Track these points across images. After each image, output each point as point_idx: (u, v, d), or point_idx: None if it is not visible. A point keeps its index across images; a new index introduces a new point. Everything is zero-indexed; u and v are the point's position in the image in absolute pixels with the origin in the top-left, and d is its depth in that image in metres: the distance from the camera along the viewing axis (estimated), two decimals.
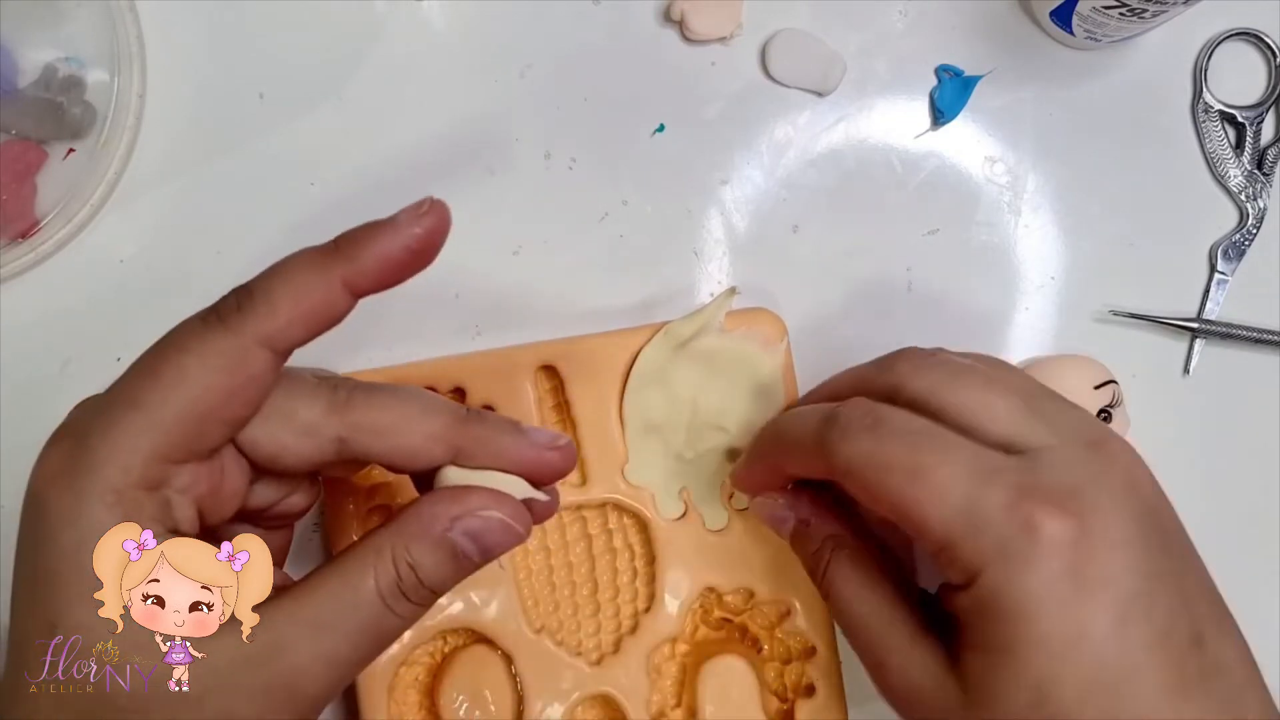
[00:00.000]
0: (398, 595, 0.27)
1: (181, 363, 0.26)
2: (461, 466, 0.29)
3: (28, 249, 0.41)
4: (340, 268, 0.27)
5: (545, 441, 0.29)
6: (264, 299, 0.26)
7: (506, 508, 0.28)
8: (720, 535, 0.39)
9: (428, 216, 0.28)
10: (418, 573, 0.27)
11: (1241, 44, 0.44)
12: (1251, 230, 0.43)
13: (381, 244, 0.27)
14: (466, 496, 0.28)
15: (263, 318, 0.26)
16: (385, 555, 0.27)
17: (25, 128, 0.41)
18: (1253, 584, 0.43)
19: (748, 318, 0.39)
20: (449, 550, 0.28)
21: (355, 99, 0.42)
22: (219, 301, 0.27)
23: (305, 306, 0.27)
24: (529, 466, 0.29)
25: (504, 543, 0.29)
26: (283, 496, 0.31)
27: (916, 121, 0.43)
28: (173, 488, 0.27)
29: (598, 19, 0.43)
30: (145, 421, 0.26)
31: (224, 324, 0.26)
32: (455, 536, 0.28)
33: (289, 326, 0.27)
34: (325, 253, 0.27)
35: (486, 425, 0.29)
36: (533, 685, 0.38)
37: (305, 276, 0.27)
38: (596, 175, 0.42)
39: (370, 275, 0.27)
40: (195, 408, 0.26)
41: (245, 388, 0.27)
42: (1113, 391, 0.41)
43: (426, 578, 0.28)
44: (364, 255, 0.27)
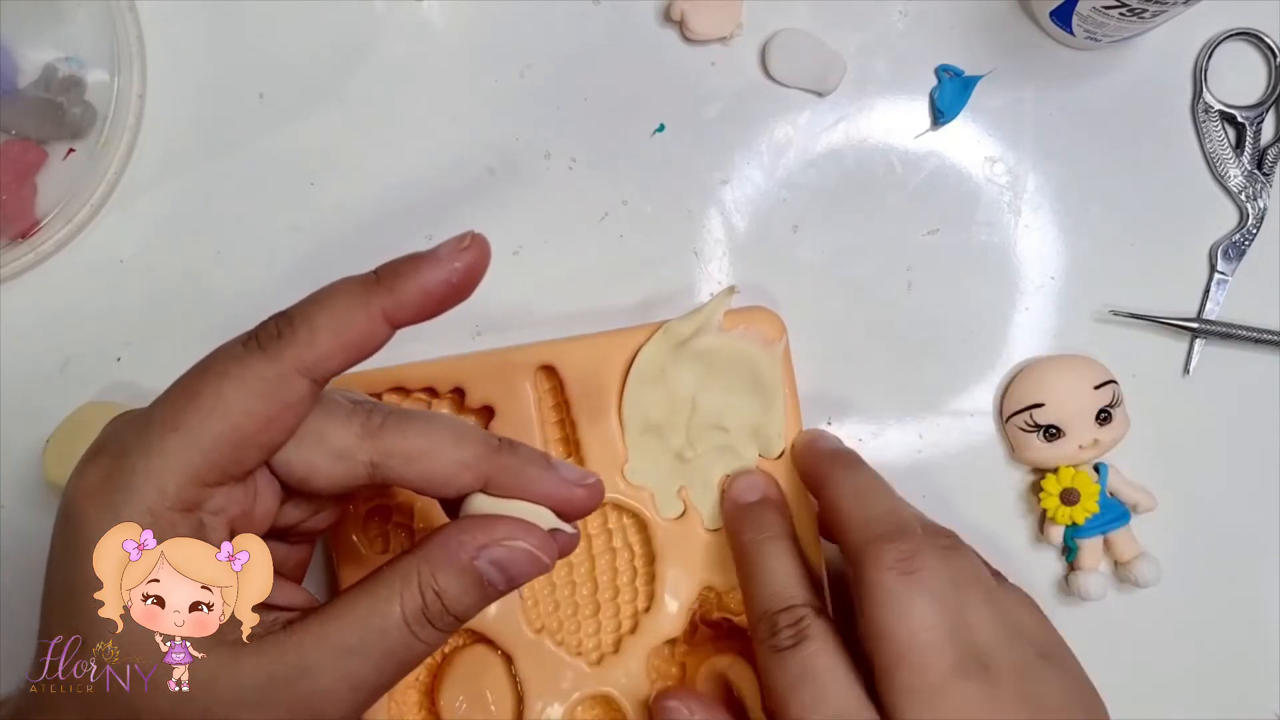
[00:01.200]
0: (423, 622, 0.27)
1: (221, 388, 0.26)
2: (489, 494, 0.29)
3: (28, 249, 0.41)
4: (381, 299, 0.27)
5: (574, 477, 0.30)
6: (305, 328, 0.27)
7: (534, 538, 0.29)
8: (720, 535, 0.39)
9: (469, 251, 0.28)
10: (443, 600, 0.27)
11: (1241, 44, 0.44)
12: (1251, 230, 0.43)
13: (423, 277, 0.27)
14: (493, 526, 0.28)
15: (303, 346, 0.26)
16: (412, 582, 0.27)
17: (25, 128, 0.41)
18: (1253, 584, 0.44)
19: (747, 316, 0.39)
20: (475, 578, 0.28)
21: (355, 99, 0.42)
22: (259, 327, 0.27)
23: (345, 337, 0.27)
24: (557, 500, 0.29)
25: (529, 572, 0.29)
26: (309, 515, 0.31)
27: (916, 121, 0.43)
28: (207, 509, 0.27)
29: (598, 19, 0.43)
30: (183, 444, 0.26)
31: (264, 351, 0.27)
32: (482, 565, 0.28)
33: (329, 356, 0.27)
34: (366, 284, 0.27)
35: (517, 456, 0.29)
36: (533, 685, 0.38)
37: (346, 307, 0.27)
38: (596, 175, 0.42)
39: (410, 308, 0.28)
40: (233, 433, 0.26)
41: (283, 415, 0.27)
42: (1113, 391, 0.41)
43: (452, 605, 0.28)
44: (405, 288, 0.27)
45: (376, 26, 0.43)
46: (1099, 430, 0.41)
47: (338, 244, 0.42)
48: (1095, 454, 0.41)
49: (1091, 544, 0.42)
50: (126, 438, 0.27)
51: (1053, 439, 0.41)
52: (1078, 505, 0.41)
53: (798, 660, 0.31)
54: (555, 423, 0.40)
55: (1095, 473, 0.42)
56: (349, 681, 0.27)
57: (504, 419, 0.38)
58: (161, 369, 0.41)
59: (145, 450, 0.26)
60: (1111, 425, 0.41)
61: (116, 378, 0.42)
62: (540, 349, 0.39)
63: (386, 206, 0.42)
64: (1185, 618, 0.43)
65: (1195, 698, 0.43)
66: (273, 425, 0.27)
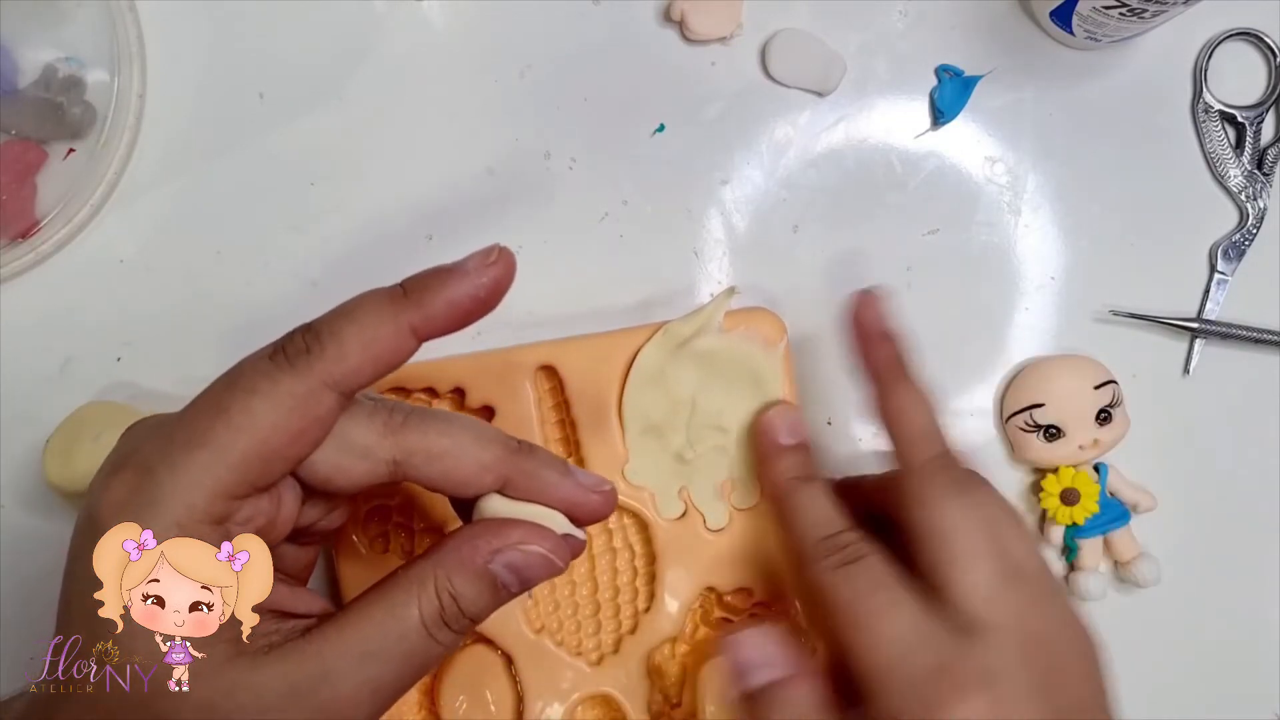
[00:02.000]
0: (440, 624, 0.28)
1: (250, 404, 0.26)
2: (505, 495, 0.29)
3: (28, 249, 0.41)
4: (409, 314, 0.27)
5: (590, 484, 0.30)
6: (333, 343, 0.27)
7: (548, 542, 0.29)
8: (720, 535, 0.39)
9: (495, 266, 0.28)
10: (459, 603, 0.28)
11: (1241, 44, 0.44)
12: (1251, 230, 0.43)
13: (450, 291, 0.28)
14: (507, 530, 0.29)
15: (331, 361, 0.27)
16: (429, 586, 0.28)
17: (25, 128, 0.41)
18: (1253, 584, 0.44)
19: (747, 317, 0.39)
20: (489, 581, 0.28)
21: (355, 99, 0.42)
22: (286, 341, 0.27)
23: (373, 352, 0.27)
24: (572, 505, 0.30)
25: (542, 576, 0.29)
26: (324, 515, 0.31)
27: (916, 121, 0.43)
28: (234, 521, 0.27)
29: (598, 19, 0.43)
30: (212, 460, 0.26)
31: (292, 365, 0.27)
32: (496, 569, 0.28)
33: (357, 370, 0.27)
34: (394, 298, 0.28)
35: (535, 460, 0.30)
36: (533, 685, 0.38)
37: (375, 322, 0.27)
38: (596, 175, 0.42)
39: (438, 322, 0.28)
40: (263, 448, 0.26)
41: (312, 428, 0.27)
42: (1113, 391, 0.41)
43: (467, 608, 0.28)
44: (433, 302, 0.27)
45: (376, 26, 0.43)
46: (1099, 430, 0.41)
47: (338, 244, 0.42)
48: (1095, 454, 0.41)
49: (1091, 544, 0.42)
50: (151, 452, 0.27)
51: (1053, 439, 0.41)
52: (1078, 505, 0.41)
53: (863, 570, 0.32)
54: (555, 423, 0.40)
55: (1095, 473, 0.42)
56: (370, 685, 0.27)
57: (504, 419, 0.38)
58: (161, 369, 0.42)
59: (172, 465, 0.26)
60: (1111, 425, 0.41)
61: (116, 378, 0.42)
62: (540, 349, 0.39)
63: (386, 206, 0.42)
64: (1185, 618, 0.43)
65: (1195, 698, 0.43)
66: (302, 439, 0.27)
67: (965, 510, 0.32)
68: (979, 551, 0.31)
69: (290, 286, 0.42)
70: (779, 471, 0.37)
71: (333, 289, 0.42)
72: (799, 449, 0.38)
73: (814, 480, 0.36)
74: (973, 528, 0.32)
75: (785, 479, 0.37)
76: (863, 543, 0.33)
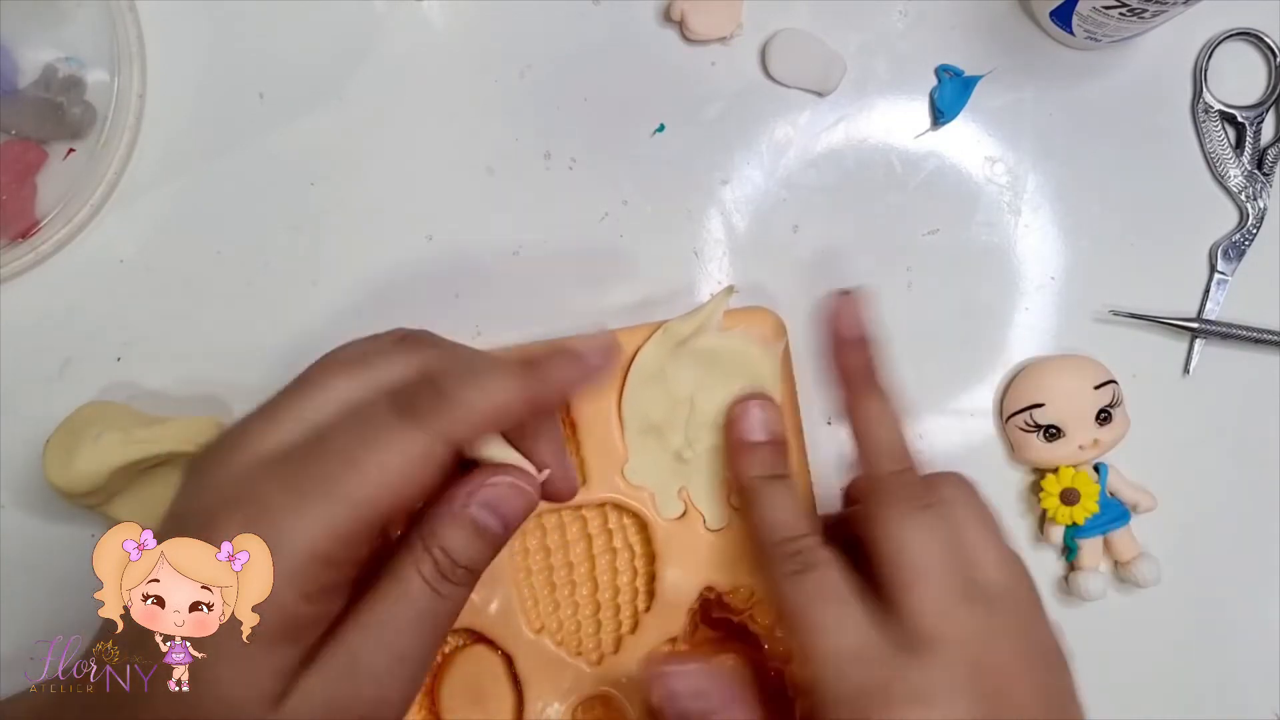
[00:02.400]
0: (440, 579, 0.29)
1: (382, 460, 0.28)
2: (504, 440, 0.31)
3: (28, 249, 0.41)
4: (531, 388, 0.30)
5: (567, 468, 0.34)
6: (461, 407, 0.29)
7: (512, 473, 0.31)
8: (720, 535, 0.39)
9: (609, 354, 0.32)
10: (450, 554, 0.29)
11: (1241, 44, 0.44)
12: (1251, 230, 0.43)
13: (568, 374, 0.31)
14: (478, 475, 0.30)
15: (458, 423, 0.29)
16: (416, 546, 0.29)
17: (25, 128, 0.41)
18: (1253, 584, 0.44)
19: (746, 316, 0.39)
20: (470, 525, 0.30)
21: (355, 99, 0.42)
22: (412, 395, 0.29)
23: (494, 417, 0.30)
24: None
25: (518, 507, 0.31)
26: None
27: (916, 121, 0.43)
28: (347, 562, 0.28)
29: (598, 19, 0.43)
30: (338, 508, 0.27)
31: (418, 422, 0.28)
32: (473, 511, 0.30)
33: (477, 429, 0.30)
34: (518, 376, 0.30)
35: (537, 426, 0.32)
36: (533, 685, 0.38)
37: (499, 388, 0.29)
38: (596, 175, 0.42)
39: (552, 399, 0.32)
40: (390, 500, 0.28)
41: (432, 479, 0.29)
42: (1113, 391, 0.41)
43: (459, 557, 0.29)
44: (552, 381, 0.31)
45: (376, 26, 0.43)
46: (1099, 430, 0.41)
47: (337, 244, 0.42)
48: (1095, 454, 0.41)
49: (1091, 544, 0.42)
50: (271, 493, 0.27)
51: (1053, 439, 0.41)
52: (1078, 505, 0.41)
53: (816, 580, 0.32)
54: None
55: (1095, 473, 0.42)
56: (391, 653, 0.28)
57: None
58: (161, 369, 0.42)
59: (297, 508, 0.27)
60: (1111, 425, 0.41)
61: (116, 378, 0.42)
62: (540, 349, 0.39)
63: (386, 206, 0.42)
64: (1185, 618, 0.43)
65: (1195, 698, 0.43)
66: (422, 490, 0.29)
67: (923, 527, 0.32)
68: (934, 569, 0.31)
69: (291, 287, 0.42)
70: (745, 469, 0.37)
71: (333, 289, 0.42)
72: (769, 445, 0.37)
73: (780, 480, 0.36)
74: (929, 545, 0.32)
75: (749, 477, 0.37)
76: (819, 550, 0.33)
